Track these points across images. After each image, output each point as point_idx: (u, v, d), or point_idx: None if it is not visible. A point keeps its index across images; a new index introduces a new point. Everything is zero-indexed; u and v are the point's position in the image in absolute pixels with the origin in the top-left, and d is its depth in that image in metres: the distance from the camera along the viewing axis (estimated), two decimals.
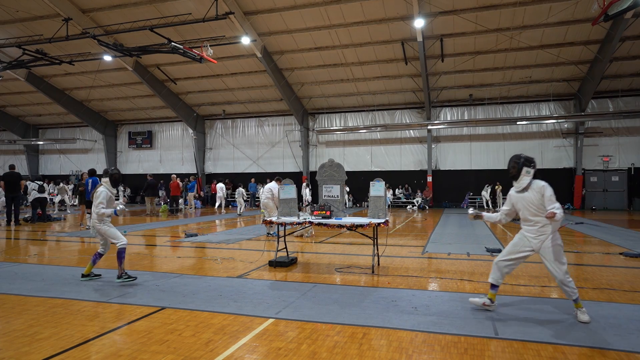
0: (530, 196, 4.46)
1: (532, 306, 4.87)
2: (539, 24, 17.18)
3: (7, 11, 18.59)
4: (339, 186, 7.55)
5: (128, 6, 17.95)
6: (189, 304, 4.95)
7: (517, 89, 21.77)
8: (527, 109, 22.53)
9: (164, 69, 22.86)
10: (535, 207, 4.41)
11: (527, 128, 22.52)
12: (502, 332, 4.05)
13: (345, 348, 3.68)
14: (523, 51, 18.95)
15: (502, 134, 22.93)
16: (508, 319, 4.43)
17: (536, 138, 22.43)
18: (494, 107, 22.93)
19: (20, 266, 7.28)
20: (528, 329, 4.12)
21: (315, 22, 18.38)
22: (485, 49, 19.06)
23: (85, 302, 5.06)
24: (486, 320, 4.37)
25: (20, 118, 30.37)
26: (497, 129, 22.95)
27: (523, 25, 17.38)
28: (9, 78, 23.27)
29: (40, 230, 12.79)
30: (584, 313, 4.34)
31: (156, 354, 3.56)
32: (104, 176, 6.21)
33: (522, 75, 20.75)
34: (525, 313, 4.62)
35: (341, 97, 24.02)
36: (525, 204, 4.50)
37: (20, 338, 3.91)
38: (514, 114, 22.58)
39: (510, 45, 18.57)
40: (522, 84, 21.37)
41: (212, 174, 27.62)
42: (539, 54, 18.96)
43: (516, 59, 19.62)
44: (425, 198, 23.03)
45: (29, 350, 3.63)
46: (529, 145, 22.46)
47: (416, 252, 8.72)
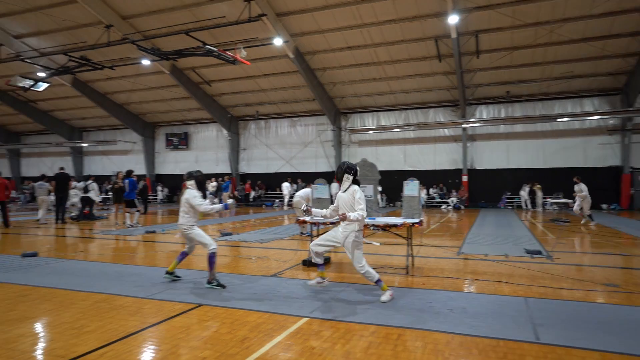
0: (345, 197, 5.26)
1: (576, 311, 4.67)
2: (582, 16, 16.41)
3: (55, 21, 19.62)
4: (372, 186, 7.50)
5: (165, 11, 18.53)
6: (225, 302, 5.06)
7: (558, 84, 20.88)
8: (569, 105, 21.58)
9: (199, 72, 23.43)
10: (348, 207, 5.19)
11: (569, 125, 21.57)
12: (544, 337, 3.90)
13: (379, 349, 3.66)
14: (564, 45, 18.15)
15: (542, 132, 22.07)
16: (550, 323, 4.26)
17: (579, 135, 21.45)
18: (532, 103, 22.10)
19: (67, 262, 7.66)
20: (572, 334, 3.95)
21: (347, 22, 18.33)
22: (523, 44, 18.40)
23: (127, 298, 5.26)
24: (527, 324, 4.23)
25: (66, 121, 31.93)
26: (536, 126, 22.11)
27: (564, 17, 16.65)
28: (56, 84, 24.51)
29: (84, 228, 13.41)
30: (385, 295, 5.06)
31: (194, 349, 3.65)
32: (188, 179, 6.05)
33: (563, 70, 19.89)
34: (568, 318, 4.43)
35: (373, 96, 23.84)
36: (341, 202, 5.30)
37: (68, 330, 4.11)
38: (554, 111, 21.68)
39: (550, 39, 17.84)
40: (563, 79, 20.48)
41: (246, 174, 28.07)
42: (582, 47, 18.11)
43: (557, 53, 18.83)
44: (461, 198, 22.50)
45: (77, 342, 3.82)
46: (571, 143, 21.51)
47: (451, 252, 8.54)
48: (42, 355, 3.58)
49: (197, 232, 5.99)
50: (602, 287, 5.70)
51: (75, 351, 3.60)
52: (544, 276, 6.37)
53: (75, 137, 32.32)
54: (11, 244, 10.09)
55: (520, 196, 21.77)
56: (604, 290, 5.55)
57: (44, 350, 3.70)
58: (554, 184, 20.81)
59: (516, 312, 4.61)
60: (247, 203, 26.24)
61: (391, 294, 5.13)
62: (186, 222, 5.98)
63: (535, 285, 5.78)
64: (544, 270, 6.75)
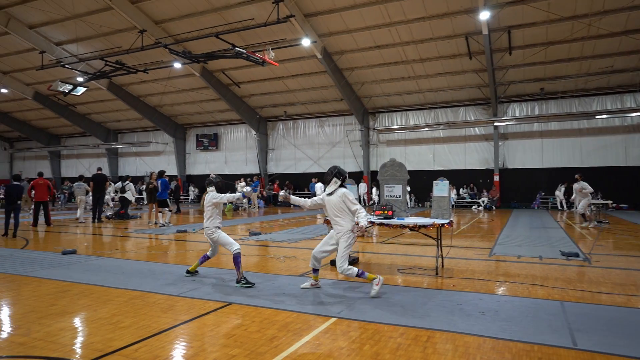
0: (333, 199, 5.40)
1: (617, 316, 4.46)
2: (622, 8, 15.68)
3: (92, 27, 20.45)
4: (401, 186, 7.42)
5: (195, 15, 18.95)
6: (254, 301, 5.12)
7: (596, 80, 20.04)
8: (608, 101, 20.67)
9: (229, 73, 23.82)
10: (337, 209, 5.36)
11: (608, 122, 20.66)
12: (582, 342, 3.75)
13: (408, 351, 3.61)
14: (603, 39, 17.40)
15: (579, 130, 21.24)
16: (588, 328, 4.09)
17: (619, 133, 20.52)
18: (568, 100, 21.30)
19: (104, 260, 7.95)
20: (612, 341, 3.78)
21: (375, 21, 18.20)
22: (558, 39, 17.75)
23: (160, 295, 5.41)
24: (563, 329, 4.07)
25: (102, 124, 33.17)
26: (573, 124, 21.29)
27: (604, 10, 15.95)
28: (93, 88, 25.49)
29: (119, 227, 13.89)
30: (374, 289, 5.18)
31: (224, 347, 3.72)
32: (209, 186, 6.37)
33: (602, 65, 19.06)
34: (608, 323, 4.24)
35: (402, 95, 23.58)
36: (330, 205, 5.44)
37: (105, 325, 4.27)
38: (592, 108, 20.82)
39: (588, 33, 17.14)
40: (602, 75, 19.63)
41: (275, 174, 28.33)
42: (623, 40, 17.30)
43: (595, 47, 18.07)
44: (492, 198, 21.95)
45: (113, 337, 3.95)
46: (611, 141, 20.60)
47: (483, 254, 8.34)
48: (81, 349, 3.72)
49: (221, 235, 6.17)
50: None
51: (111, 345, 3.73)
52: (582, 279, 6.12)
53: (110, 139, 33.53)
54: (52, 242, 10.57)
55: (555, 196, 21.03)
56: None
57: (82, 343, 3.85)
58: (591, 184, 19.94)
59: (552, 316, 4.45)
60: (275, 203, 26.48)
61: (377, 282, 5.18)
62: (210, 226, 6.18)
63: (572, 289, 5.57)
64: (581, 273, 6.50)
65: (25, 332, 4.09)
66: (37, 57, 21.84)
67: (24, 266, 7.31)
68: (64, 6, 19.19)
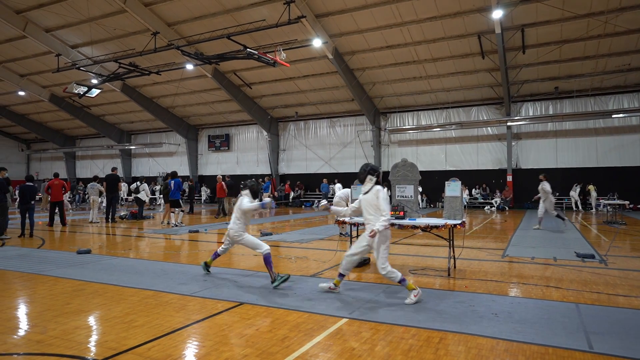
0: (368, 197, 5.26)
1: (634, 319, 4.37)
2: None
3: (107, 30, 20.75)
4: (413, 186, 7.38)
5: (207, 17, 19.11)
6: (266, 301, 5.14)
7: (613, 78, 19.67)
8: (625, 100, 20.28)
9: (240, 75, 23.96)
10: (372, 208, 5.19)
11: (625, 121, 20.27)
12: (598, 346, 3.68)
13: (420, 352, 3.58)
14: (620, 36, 17.07)
15: (594, 129, 20.87)
16: (605, 331, 4.02)
17: (637, 132, 20.11)
18: (583, 99, 20.95)
19: (117, 259, 8.05)
20: (630, 344, 3.70)
21: (387, 20, 18.14)
22: (573, 37, 17.48)
23: (172, 295, 5.46)
24: (578, 332, 4.01)
25: (116, 125, 33.63)
26: (588, 123, 20.94)
27: (620, 7, 15.66)
28: (107, 89, 25.86)
29: (133, 227, 14.06)
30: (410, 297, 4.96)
31: (236, 346, 3.73)
32: (244, 189, 6.35)
33: (618, 63, 18.70)
34: (625, 326, 4.16)
35: (414, 95, 23.45)
36: (365, 204, 5.30)
37: (119, 324, 4.32)
38: (608, 107, 20.45)
39: (604, 31, 16.84)
40: (618, 73, 19.26)
41: (286, 174, 28.40)
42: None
43: (611, 45, 17.74)
44: (505, 198, 21.68)
45: (126, 335, 4.00)
46: (628, 140, 20.21)
47: (495, 255, 8.25)
48: (95, 347, 3.77)
49: (248, 239, 6.20)
50: None
51: (125, 344, 3.78)
52: (598, 281, 6.02)
53: (124, 140, 33.97)
54: (67, 242, 10.74)
55: (570, 197, 20.70)
56: None
57: (97, 342, 3.91)
58: (608, 184, 19.66)
59: (566, 319, 4.38)
60: (286, 203, 26.54)
61: (416, 294, 4.97)
62: (237, 229, 6.21)
63: (588, 291, 5.48)
64: (597, 275, 6.38)
65: (42, 330, 4.17)
66: (53, 60, 22.22)
67: (40, 265, 7.44)
68: (80, 10, 19.51)
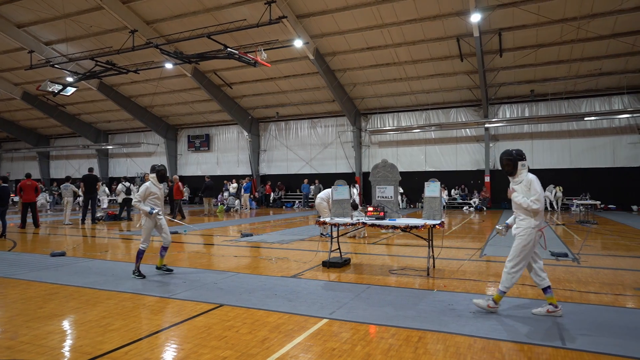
0: (519, 189, 4.61)
1: (604, 315, 4.52)
2: (611, 11, 15.90)
3: (82, 27, 20.24)
4: (393, 187, 7.45)
5: (187, 15, 18.87)
6: (246, 302, 5.10)
7: (585, 82, 20.29)
8: (597, 103, 20.94)
9: (221, 74, 23.74)
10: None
11: (597, 124, 20.92)
12: (571, 341, 3.79)
13: (400, 351, 3.62)
14: (592, 41, 17.63)
15: (568, 131, 21.48)
16: (577, 328, 4.14)
17: (607, 134, 20.79)
18: (558, 102, 21.54)
19: (93, 262, 7.87)
20: (600, 340, 3.82)
21: (367, 22, 18.26)
22: (548, 41, 17.95)
23: (150, 297, 5.36)
24: (552, 329, 4.12)
25: (92, 124, 32.85)
26: (562, 125, 21.54)
27: (592, 13, 16.16)
28: (83, 88, 25.24)
29: (111, 228, 13.75)
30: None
31: (215, 349, 3.70)
32: (151, 172, 6.63)
33: (590, 67, 19.30)
34: (596, 323, 4.29)
35: (394, 96, 23.67)
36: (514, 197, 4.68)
37: (94, 328, 4.22)
38: (581, 110, 21.08)
39: (577, 36, 17.35)
40: (590, 77, 19.87)
41: (267, 175, 28.28)
42: (611, 43, 17.54)
43: (584, 50, 18.30)
44: (483, 199, 22.10)
45: (102, 340, 3.91)
46: (599, 143, 20.86)
47: (474, 255, 8.40)
48: (69, 352, 3.68)
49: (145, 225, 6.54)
50: (632, 292, 5.50)
51: (100, 348, 3.69)
52: (571, 279, 6.19)
53: (100, 139, 33.22)
54: (40, 244, 10.44)
55: (545, 197, 21.22)
56: (635, 295, 5.36)
57: (71, 347, 3.81)
58: (581, 185, 20.24)
59: (541, 316, 4.49)
60: (268, 204, 26.42)
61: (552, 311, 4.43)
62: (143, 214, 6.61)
63: (561, 289, 5.63)
64: (570, 273, 6.57)
65: (12, 335, 4.04)
66: (26, 56, 21.59)
67: (11, 268, 7.21)
68: (54, 5, 18.99)
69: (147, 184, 6.53)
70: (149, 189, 6.48)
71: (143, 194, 6.42)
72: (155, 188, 6.54)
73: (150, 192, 6.48)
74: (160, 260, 6.70)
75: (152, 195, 6.49)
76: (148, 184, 6.52)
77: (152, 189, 6.51)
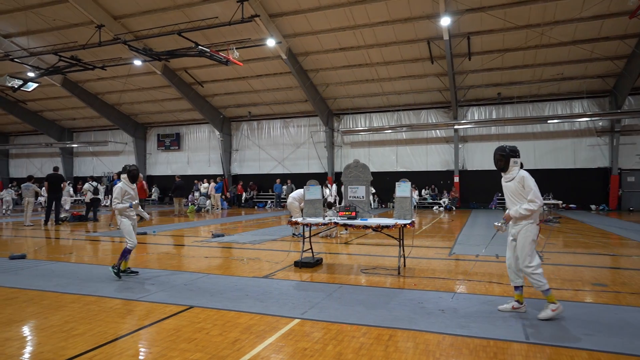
0: (511, 186, 4.63)
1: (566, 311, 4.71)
2: (571, 19, 16.61)
3: (45, 20, 19.41)
4: (365, 187, 7.52)
5: (157, 12, 18.42)
6: (216, 304, 5.03)
7: (548, 86, 21.11)
8: (559, 107, 21.82)
9: (192, 72, 23.33)
10: (516, 196, 4.57)
11: (559, 127, 21.81)
12: (534, 336, 3.94)
13: (371, 350, 3.66)
14: (554, 47, 18.35)
15: (533, 133, 22.29)
16: (539, 323, 4.30)
17: (568, 137, 21.69)
18: (523, 105, 22.31)
19: (57, 264, 7.57)
20: (561, 334, 3.99)
21: (340, 23, 18.36)
22: (514, 46, 18.57)
23: (117, 300, 5.21)
24: (516, 324, 4.26)
25: (56, 122, 31.61)
26: (527, 128, 22.32)
27: (555, 20, 16.84)
28: (46, 84, 24.25)
29: (76, 230, 13.27)
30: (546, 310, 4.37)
31: (184, 352, 3.63)
32: (122, 172, 6.54)
33: (553, 72, 20.10)
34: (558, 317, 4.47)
35: (366, 97, 23.90)
36: (507, 193, 4.71)
37: (57, 333, 4.07)
38: (544, 113, 21.90)
39: (540, 42, 18.03)
40: (553, 82, 20.70)
41: (238, 175, 27.99)
42: (572, 50, 18.32)
43: (547, 55, 19.03)
44: (452, 199, 22.63)
45: (65, 345, 3.77)
46: (561, 144, 21.74)
47: (443, 253, 8.59)
48: (29, 359, 3.53)
49: (124, 224, 6.44)
50: (590, 287, 5.76)
51: (63, 354, 3.56)
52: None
53: (65, 137, 32.01)
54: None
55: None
56: (592, 290, 5.61)
57: (31, 353, 3.65)
58: (544, 185, 20.99)
59: (506, 312, 4.64)
60: (240, 204, 26.15)
61: (555, 309, 4.36)
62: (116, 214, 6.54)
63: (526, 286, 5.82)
64: None
65: None
66: None
67: None
68: None
69: (121, 184, 6.47)
70: (123, 189, 6.46)
71: (120, 194, 6.39)
72: (129, 188, 6.51)
73: (124, 192, 6.47)
74: (124, 262, 6.50)
75: (126, 195, 6.50)
76: (122, 185, 6.46)
77: (126, 188, 6.49)
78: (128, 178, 6.50)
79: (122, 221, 6.43)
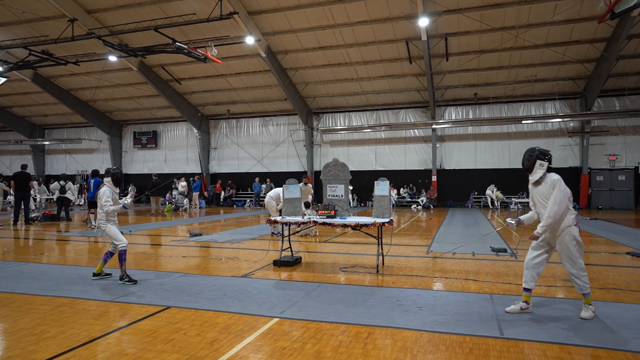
0: (543, 189, 4.44)
1: (538, 306, 4.84)
2: (544, 22, 17.07)
3: (13, 12, 18.70)
4: (343, 185, 7.55)
5: (133, 6, 18.01)
6: (194, 303, 4.97)
7: (522, 87, 21.64)
8: (533, 107, 22.40)
9: (169, 69, 22.92)
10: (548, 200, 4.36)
11: (533, 127, 22.39)
12: (508, 332, 4.03)
13: (349, 347, 3.68)
14: (528, 50, 18.83)
15: (507, 133, 22.81)
16: (513, 319, 4.41)
17: (542, 137, 22.29)
18: (499, 106, 22.80)
19: (27, 265, 7.33)
20: (534, 329, 4.10)
21: (320, 22, 18.36)
22: (490, 48, 18.95)
23: (91, 301, 5.08)
24: (491, 320, 4.35)
25: (26, 118, 30.56)
26: (502, 128, 22.84)
27: (528, 23, 17.27)
28: (15, 79, 23.41)
29: (47, 230, 12.87)
30: (587, 310, 4.38)
31: (161, 353, 3.57)
32: (106, 176, 6.29)
33: (527, 73, 20.62)
34: (531, 313, 4.59)
35: (345, 96, 23.98)
36: (538, 197, 4.49)
37: (26, 337, 3.94)
38: (519, 113, 22.44)
39: (515, 44, 18.46)
40: (527, 83, 21.23)
41: (217, 173, 27.68)
42: (545, 52, 18.83)
43: (521, 57, 19.50)
44: (430, 197, 22.95)
45: (35, 349, 3.66)
46: (534, 144, 21.89)
47: (421, 251, 8.70)
48: None
49: (110, 228, 6.12)
50: (561, 283, 5.94)
51: (33, 358, 3.45)
52: (509, 273, 6.58)
53: (36, 134, 30.98)
54: None
55: (486, 195, 22.40)
56: (563, 286, 5.79)
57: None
58: (519, 184, 21.53)
59: (482, 309, 4.74)
60: (218, 203, 25.87)
61: (594, 310, 4.38)
62: (100, 219, 6.16)
63: (501, 282, 5.97)
64: (508, 267, 6.98)
65: None
66: None
67: None
68: None
69: (106, 189, 6.17)
70: (112, 192, 6.18)
71: (110, 197, 6.09)
72: (113, 191, 6.24)
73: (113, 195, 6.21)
74: (101, 265, 6.32)
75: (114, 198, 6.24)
76: (107, 189, 6.17)
77: (111, 191, 6.21)
78: (112, 182, 6.24)
79: (107, 226, 6.10)
